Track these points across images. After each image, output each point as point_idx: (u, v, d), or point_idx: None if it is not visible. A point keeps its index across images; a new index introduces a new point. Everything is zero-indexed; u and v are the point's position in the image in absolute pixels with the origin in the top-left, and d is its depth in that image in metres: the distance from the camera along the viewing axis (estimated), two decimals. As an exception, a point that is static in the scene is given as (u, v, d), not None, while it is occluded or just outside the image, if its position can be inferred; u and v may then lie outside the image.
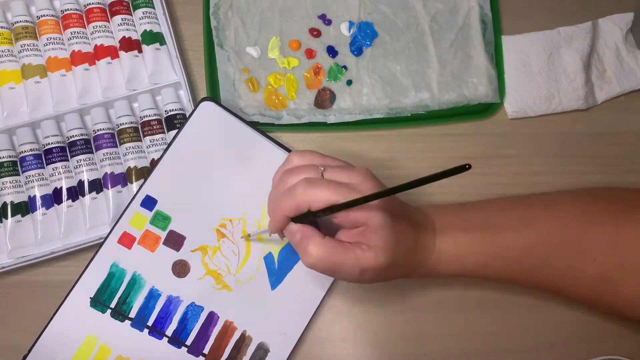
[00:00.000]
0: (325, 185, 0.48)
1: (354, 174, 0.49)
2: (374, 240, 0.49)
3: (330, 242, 0.49)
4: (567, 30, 0.70)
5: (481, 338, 0.64)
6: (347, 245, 0.50)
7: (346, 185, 0.48)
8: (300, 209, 0.49)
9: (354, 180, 0.49)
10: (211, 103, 0.63)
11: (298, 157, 0.53)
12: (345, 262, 0.49)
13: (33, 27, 0.68)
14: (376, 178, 0.51)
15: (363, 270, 0.49)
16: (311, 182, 0.48)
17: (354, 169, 0.50)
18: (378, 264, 0.49)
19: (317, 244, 0.49)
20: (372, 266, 0.49)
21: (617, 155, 0.69)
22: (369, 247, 0.49)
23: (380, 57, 0.69)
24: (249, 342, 0.61)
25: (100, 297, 0.60)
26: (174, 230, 0.61)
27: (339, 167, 0.51)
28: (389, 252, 0.49)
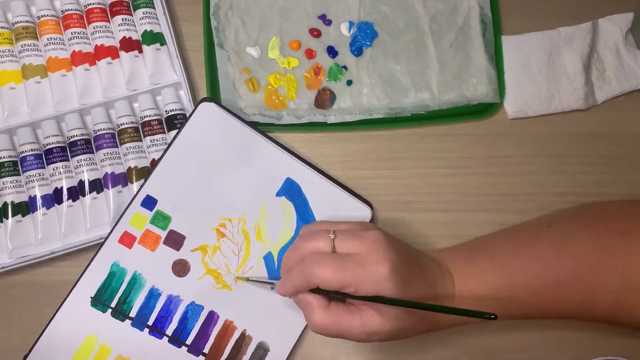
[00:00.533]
0: (332, 263, 0.48)
1: (365, 243, 0.49)
2: (384, 307, 0.48)
3: (335, 310, 0.49)
4: (567, 30, 0.70)
5: (481, 338, 0.64)
6: (354, 309, 0.50)
7: (353, 258, 0.48)
8: (310, 287, 0.49)
9: (364, 249, 0.49)
10: (211, 103, 0.63)
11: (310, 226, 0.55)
12: (351, 329, 0.49)
13: (33, 27, 0.68)
14: (388, 242, 0.50)
15: (370, 335, 0.49)
16: (317, 260, 0.49)
17: (365, 236, 0.50)
18: (387, 329, 0.49)
19: (321, 314, 0.49)
20: (381, 331, 0.49)
21: (617, 155, 0.69)
22: (377, 312, 0.49)
23: (380, 57, 0.69)
24: (249, 341, 0.61)
25: (101, 296, 0.60)
26: (174, 230, 0.62)
27: (349, 233, 0.51)
28: (399, 319, 0.49)
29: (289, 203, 0.63)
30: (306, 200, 0.63)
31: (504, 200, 0.68)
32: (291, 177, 0.63)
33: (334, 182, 0.64)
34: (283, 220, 0.63)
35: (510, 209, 0.67)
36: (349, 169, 0.68)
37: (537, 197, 0.68)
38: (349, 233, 0.51)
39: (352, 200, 0.64)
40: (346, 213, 0.63)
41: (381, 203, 0.67)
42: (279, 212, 0.63)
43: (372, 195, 0.66)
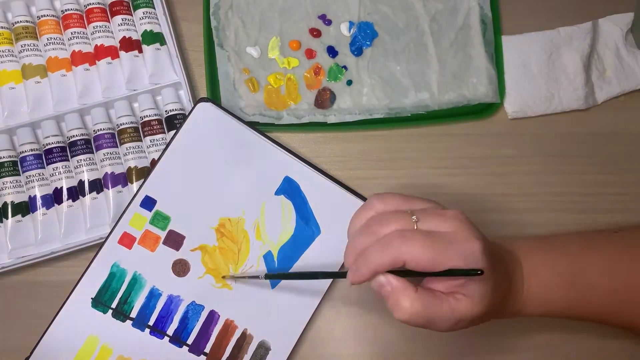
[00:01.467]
0: (422, 240, 0.44)
1: (450, 221, 0.46)
2: (473, 291, 0.45)
3: (425, 296, 0.45)
4: (567, 30, 0.70)
5: (481, 338, 0.64)
6: (441, 296, 0.46)
7: (443, 237, 0.45)
8: (395, 265, 0.44)
9: (450, 227, 0.45)
10: (208, 104, 0.63)
11: (380, 202, 0.48)
12: (441, 315, 0.45)
13: (33, 27, 0.67)
14: (472, 222, 0.47)
15: (458, 322, 0.46)
16: (406, 236, 0.44)
17: (448, 214, 0.46)
18: (474, 314, 0.46)
19: (411, 299, 0.44)
20: (469, 317, 0.46)
21: (617, 155, 0.69)
22: (465, 296, 0.45)
23: (380, 57, 0.69)
24: (250, 340, 0.61)
25: (101, 297, 0.60)
26: (174, 230, 0.61)
27: (431, 213, 0.46)
28: (485, 302, 0.46)
29: (288, 202, 0.63)
30: (305, 199, 0.63)
31: (504, 200, 0.68)
32: (290, 176, 0.63)
33: (333, 180, 0.64)
34: (282, 219, 0.63)
35: (510, 209, 0.67)
36: (349, 169, 0.67)
37: (537, 197, 0.68)
38: (430, 212, 0.46)
39: (351, 198, 0.63)
40: (345, 210, 0.62)
41: (381, 203, 0.66)
42: (278, 210, 0.63)
43: (372, 195, 0.66)
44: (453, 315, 0.45)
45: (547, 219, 0.67)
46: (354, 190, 0.64)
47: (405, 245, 0.44)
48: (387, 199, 0.48)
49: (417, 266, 0.44)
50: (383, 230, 0.46)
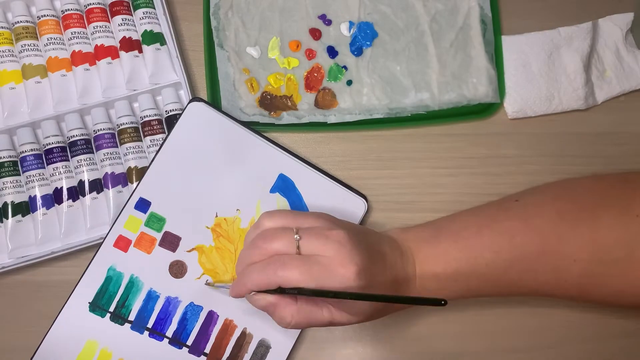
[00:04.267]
0: (298, 266, 0.45)
1: (330, 244, 0.47)
2: (349, 307, 0.48)
3: (305, 305, 0.48)
4: (567, 30, 0.67)
5: (481, 338, 0.63)
6: (321, 303, 0.49)
7: (320, 262, 0.46)
8: (270, 287, 0.47)
9: (329, 251, 0.46)
10: (200, 103, 0.61)
11: (270, 220, 0.50)
12: (321, 322, 0.49)
13: (33, 27, 0.65)
14: (354, 242, 0.47)
15: (338, 325, 0.50)
16: (283, 262, 0.46)
17: (330, 235, 0.47)
18: (352, 322, 0.49)
19: (291, 310, 0.48)
20: (347, 323, 0.49)
21: (617, 155, 0.67)
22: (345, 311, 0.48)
23: (380, 57, 0.67)
24: (250, 339, 0.59)
25: (98, 301, 0.58)
26: (169, 232, 0.60)
27: (314, 233, 0.48)
28: (364, 314, 0.49)
29: (283, 199, 0.61)
30: (300, 196, 0.61)
31: (504, 200, 0.65)
32: (284, 173, 0.61)
33: (328, 177, 0.62)
34: None
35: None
36: (349, 169, 0.66)
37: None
38: (314, 233, 0.47)
39: (346, 193, 0.62)
40: (341, 206, 0.61)
41: (381, 203, 0.65)
42: (273, 208, 0.61)
43: (372, 195, 0.64)
44: (332, 322, 0.49)
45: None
46: (349, 185, 0.62)
47: (282, 270, 0.45)
48: (275, 217, 0.50)
49: None
50: (267, 246, 0.47)
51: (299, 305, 0.48)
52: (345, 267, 0.45)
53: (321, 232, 0.48)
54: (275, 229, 0.49)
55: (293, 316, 0.48)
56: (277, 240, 0.47)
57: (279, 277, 0.45)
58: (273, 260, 0.46)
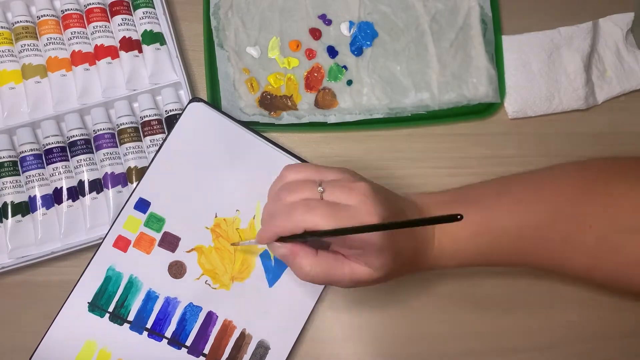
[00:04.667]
0: (324, 209, 0.45)
1: (354, 194, 0.46)
2: (371, 262, 0.47)
3: (325, 259, 0.48)
4: (568, 30, 0.67)
5: (481, 338, 0.62)
6: (342, 258, 0.48)
7: (346, 209, 0.45)
8: (296, 231, 0.46)
9: (354, 200, 0.46)
10: (200, 103, 0.60)
11: (293, 172, 0.50)
12: (341, 277, 0.48)
13: (33, 27, 0.65)
14: (377, 195, 0.47)
15: (358, 283, 0.48)
16: (310, 206, 0.45)
17: (354, 187, 0.47)
18: (373, 278, 0.48)
19: (311, 261, 0.47)
20: (368, 281, 0.48)
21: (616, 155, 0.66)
22: (365, 264, 0.47)
23: (380, 57, 0.66)
24: (249, 340, 0.58)
25: (98, 301, 0.57)
26: (169, 232, 0.59)
27: (338, 185, 0.47)
28: (385, 270, 0.47)
29: None
30: None
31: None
32: None
33: None
34: None
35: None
36: (349, 169, 0.65)
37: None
38: (338, 185, 0.47)
39: None
40: None
41: (381, 203, 0.64)
42: None
43: (372, 195, 0.63)
44: (352, 278, 0.48)
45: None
46: None
47: (308, 214, 0.45)
48: (299, 169, 0.50)
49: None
50: (290, 197, 0.47)
51: (320, 257, 0.48)
52: (369, 217, 0.45)
53: (345, 184, 0.47)
54: (298, 181, 0.48)
55: (312, 266, 0.47)
56: (300, 192, 0.47)
57: (305, 221, 0.45)
58: (298, 204, 0.46)
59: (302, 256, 0.47)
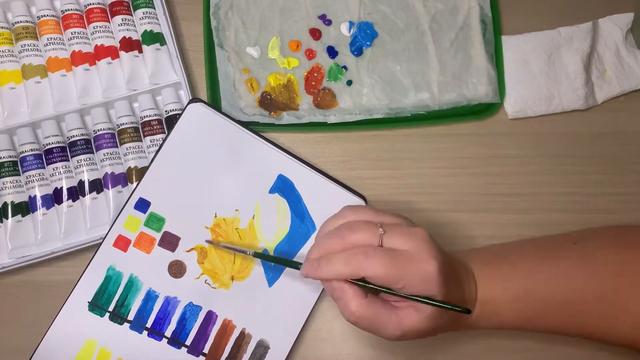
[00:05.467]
0: (382, 258, 0.45)
1: (414, 239, 0.46)
2: (423, 308, 0.46)
3: (373, 303, 0.47)
4: (568, 30, 0.66)
5: (481, 338, 0.61)
6: (390, 306, 0.47)
7: (403, 255, 0.45)
8: (354, 277, 0.46)
9: (412, 247, 0.46)
10: (199, 104, 0.60)
11: (352, 213, 0.50)
12: (387, 324, 0.47)
13: (33, 27, 0.64)
14: (435, 242, 0.47)
15: (404, 333, 0.47)
16: (368, 254, 0.45)
17: (413, 232, 0.47)
18: (421, 328, 0.47)
19: (359, 303, 0.46)
20: (415, 330, 0.47)
21: (617, 155, 0.66)
22: (416, 311, 0.46)
23: (381, 57, 0.66)
24: (249, 339, 0.58)
25: (98, 301, 0.57)
26: (169, 231, 0.58)
27: (398, 230, 0.47)
28: (434, 319, 0.47)
29: (282, 200, 0.60)
30: (299, 196, 0.60)
31: (504, 200, 0.64)
32: (283, 174, 0.60)
33: (327, 177, 0.61)
34: (277, 217, 0.60)
35: (510, 209, 0.64)
36: (349, 169, 0.64)
37: (537, 197, 0.65)
38: (397, 229, 0.47)
39: (345, 194, 0.60)
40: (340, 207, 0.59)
41: (381, 203, 0.63)
42: (272, 209, 0.60)
43: (372, 195, 0.63)
44: (400, 327, 0.47)
45: (547, 219, 0.64)
46: (348, 186, 0.61)
47: (367, 262, 0.45)
48: (359, 211, 0.50)
49: (375, 281, 0.45)
50: (351, 237, 0.47)
51: (369, 300, 0.47)
52: (428, 263, 0.45)
53: (405, 228, 0.47)
54: (359, 221, 0.48)
55: (359, 307, 0.46)
56: (361, 232, 0.47)
57: (363, 270, 0.45)
58: (357, 251, 0.46)
59: (351, 296, 0.46)
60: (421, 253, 0.46)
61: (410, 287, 0.45)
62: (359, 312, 0.46)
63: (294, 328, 0.58)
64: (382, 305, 0.47)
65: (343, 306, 0.47)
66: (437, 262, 0.45)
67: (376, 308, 0.47)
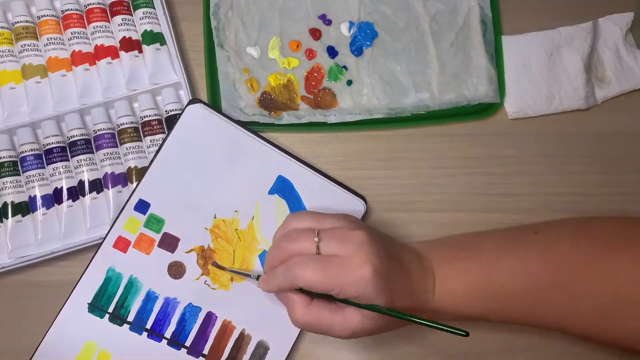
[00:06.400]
0: (316, 267, 0.46)
1: (350, 245, 0.47)
2: (366, 315, 0.47)
3: (318, 307, 0.48)
4: (568, 30, 0.64)
5: (481, 338, 0.60)
6: (335, 307, 0.48)
7: (337, 262, 0.46)
8: (293, 287, 0.47)
9: (348, 252, 0.46)
10: (198, 105, 0.59)
11: (295, 221, 0.51)
12: (333, 325, 0.47)
13: (33, 27, 0.63)
14: (373, 244, 0.47)
15: (354, 332, 0.48)
16: (303, 263, 0.46)
17: (350, 236, 0.47)
18: (366, 327, 0.47)
19: (303, 311, 0.48)
20: (362, 330, 0.48)
21: (617, 155, 0.64)
22: (359, 311, 0.47)
23: (381, 57, 0.64)
24: (249, 340, 0.56)
25: (97, 302, 0.56)
26: (168, 233, 0.57)
27: (334, 235, 0.48)
28: (379, 319, 0.47)
29: (282, 201, 0.59)
30: (299, 197, 0.59)
31: (504, 200, 0.63)
32: (283, 175, 0.59)
33: (327, 178, 0.60)
34: (277, 218, 0.58)
35: (510, 209, 0.63)
36: (349, 169, 0.63)
37: (537, 197, 0.63)
38: (334, 234, 0.48)
39: (345, 195, 0.59)
40: (340, 207, 0.59)
41: (381, 203, 0.62)
42: (272, 210, 0.59)
43: (372, 195, 0.61)
44: (345, 326, 0.47)
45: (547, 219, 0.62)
46: (347, 187, 0.60)
47: (302, 272, 0.46)
48: (301, 218, 0.51)
49: (313, 290, 0.46)
50: (288, 247, 0.48)
51: (312, 305, 0.48)
52: (361, 268, 0.45)
53: (342, 233, 0.48)
54: (298, 230, 0.49)
55: (302, 315, 0.47)
56: (298, 242, 0.48)
57: (298, 279, 0.46)
58: (293, 262, 0.47)
59: (296, 303, 0.48)
60: (356, 258, 0.46)
61: (346, 293, 0.45)
62: (303, 319, 0.47)
63: (294, 328, 0.56)
64: (327, 308, 0.48)
65: (290, 313, 0.49)
66: (372, 265, 0.45)
67: (320, 313, 0.47)
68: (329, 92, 0.63)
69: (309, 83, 0.63)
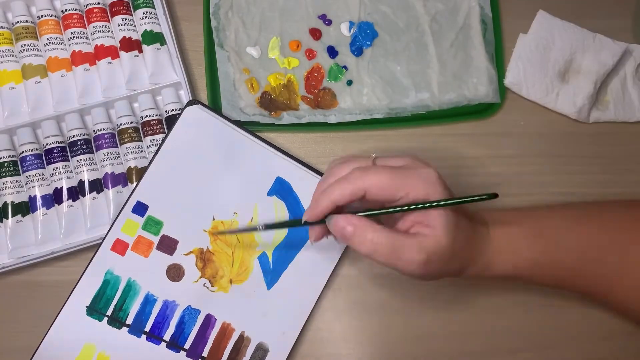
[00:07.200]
0: (381, 169, 0.42)
1: (405, 158, 0.45)
2: (434, 219, 0.42)
3: (388, 230, 0.42)
4: (603, 40, 0.63)
5: (481, 338, 0.59)
6: (405, 233, 0.43)
7: (401, 168, 0.43)
8: (355, 195, 0.42)
9: (407, 160, 0.44)
10: (197, 106, 0.57)
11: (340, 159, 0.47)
12: (409, 247, 0.42)
13: (33, 27, 0.61)
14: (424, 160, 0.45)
15: (428, 256, 0.42)
16: (365, 169, 0.42)
17: (403, 155, 0.45)
18: (441, 247, 0.42)
19: (375, 230, 0.41)
20: (436, 250, 0.42)
21: (617, 155, 0.63)
22: (429, 226, 0.42)
23: (381, 57, 0.63)
24: (248, 342, 0.55)
25: (96, 305, 0.54)
26: (167, 235, 0.56)
27: (388, 155, 0.46)
28: (450, 235, 0.42)
29: (280, 202, 0.57)
30: (297, 199, 0.57)
31: (504, 200, 0.61)
32: (281, 177, 0.57)
33: None
34: (275, 220, 0.57)
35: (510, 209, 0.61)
36: (349, 169, 0.61)
37: (537, 197, 0.62)
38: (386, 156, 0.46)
39: None
40: None
41: (381, 203, 0.61)
42: (271, 211, 0.57)
43: (372, 195, 0.60)
44: (421, 247, 0.42)
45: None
46: None
47: (366, 176, 0.42)
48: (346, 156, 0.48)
49: (379, 192, 0.42)
50: (343, 170, 0.44)
51: (384, 227, 0.42)
52: (426, 169, 0.43)
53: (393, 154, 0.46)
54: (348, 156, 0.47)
55: (375, 235, 0.41)
56: (352, 162, 0.45)
57: (364, 182, 0.42)
58: (354, 171, 0.43)
59: (364, 225, 0.42)
60: (417, 163, 0.44)
61: (414, 194, 0.42)
62: (377, 239, 0.41)
63: (293, 331, 0.56)
64: (397, 232, 0.42)
65: (358, 239, 0.42)
66: (435, 169, 0.43)
67: (393, 234, 0.42)
68: (329, 92, 0.62)
69: (309, 83, 0.62)
